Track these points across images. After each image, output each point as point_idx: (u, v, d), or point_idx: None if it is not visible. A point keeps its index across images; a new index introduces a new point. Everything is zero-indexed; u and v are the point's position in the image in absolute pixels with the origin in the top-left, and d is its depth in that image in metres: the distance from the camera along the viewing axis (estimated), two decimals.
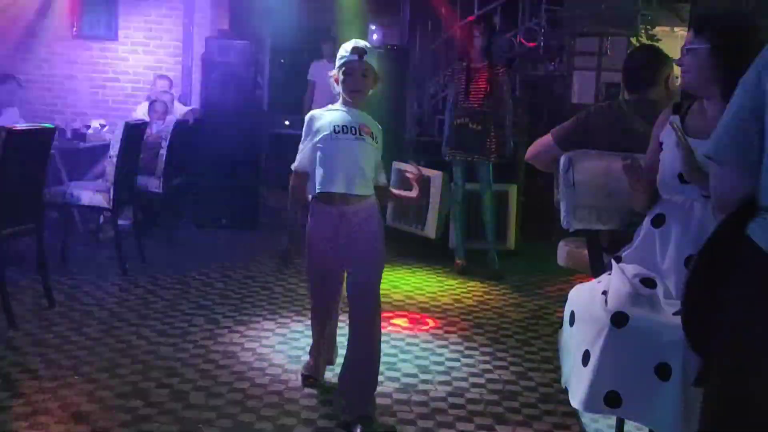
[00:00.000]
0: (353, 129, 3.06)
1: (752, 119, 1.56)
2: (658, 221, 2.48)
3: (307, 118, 3.16)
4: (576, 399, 2.34)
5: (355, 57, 3.03)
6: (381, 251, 3.21)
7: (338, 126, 3.05)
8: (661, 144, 2.54)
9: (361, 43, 3.10)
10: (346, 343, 3.20)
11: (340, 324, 3.53)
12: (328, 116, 3.10)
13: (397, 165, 6.77)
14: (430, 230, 6.43)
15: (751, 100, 1.57)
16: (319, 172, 3.07)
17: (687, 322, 1.81)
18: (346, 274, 3.23)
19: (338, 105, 3.14)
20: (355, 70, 3.05)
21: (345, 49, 3.07)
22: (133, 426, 3.02)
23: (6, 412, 3.06)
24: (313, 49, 7.77)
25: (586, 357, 2.31)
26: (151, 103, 6.94)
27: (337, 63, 3.09)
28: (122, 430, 2.99)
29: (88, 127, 6.91)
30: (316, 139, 3.07)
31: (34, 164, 4.37)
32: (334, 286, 3.28)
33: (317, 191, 3.08)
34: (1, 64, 7.10)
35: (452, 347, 4.20)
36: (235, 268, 5.49)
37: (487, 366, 3.94)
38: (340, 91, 3.11)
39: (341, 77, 3.08)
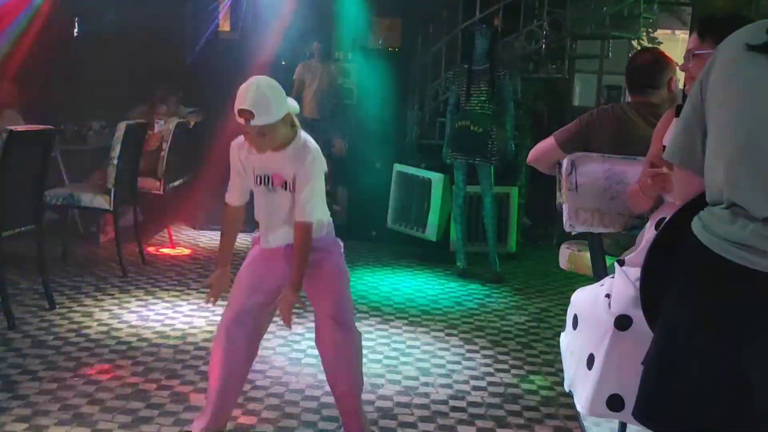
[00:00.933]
0: (267, 179, 2.80)
1: (696, 126, 1.72)
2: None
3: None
4: (580, 403, 2.34)
5: (242, 121, 2.66)
6: (341, 288, 2.92)
7: (258, 176, 2.82)
8: (663, 147, 2.52)
9: (249, 99, 2.63)
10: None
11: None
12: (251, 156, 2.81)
13: (398, 167, 6.79)
14: (431, 233, 6.44)
15: (693, 108, 1.73)
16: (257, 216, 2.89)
17: (645, 307, 1.88)
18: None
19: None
20: (248, 131, 2.70)
21: (236, 103, 2.67)
22: (134, 428, 3.02)
23: (6, 414, 3.06)
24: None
25: (590, 360, 2.30)
26: (153, 105, 6.93)
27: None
28: (123, 431, 2.99)
29: (90, 128, 6.90)
30: (246, 178, 2.85)
31: (35, 165, 4.37)
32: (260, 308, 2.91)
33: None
34: (2, 64, 7.09)
35: (453, 350, 4.19)
36: (235, 271, 5.46)
37: (489, 369, 3.93)
38: None
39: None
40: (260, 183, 2.82)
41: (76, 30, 7.98)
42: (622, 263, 2.52)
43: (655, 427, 1.74)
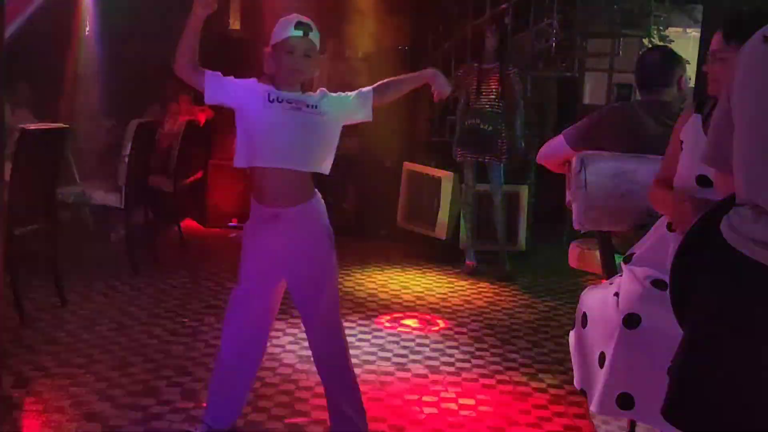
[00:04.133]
0: (286, 101, 2.70)
1: (726, 128, 1.73)
2: None
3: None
4: (592, 401, 2.34)
5: (299, 33, 2.68)
6: (328, 264, 2.82)
7: (272, 95, 2.69)
8: (681, 143, 2.50)
9: (306, 18, 2.74)
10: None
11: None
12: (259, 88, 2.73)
13: (408, 166, 6.80)
14: (441, 231, 6.44)
15: (724, 110, 1.74)
16: (249, 142, 2.71)
17: (675, 307, 1.88)
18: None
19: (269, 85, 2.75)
20: (296, 49, 2.68)
21: (286, 25, 2.69)
22: (145, 424, 3.04)
23: (19, 410, 3.08)
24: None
25: (602, 359, 2.31)
26: (165, 103, 6.96)
27: (276, 38, 2.71)
28: (134, 428, 3.00)
29: (101, 126, 6.94)
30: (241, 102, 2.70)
31: (47, 164, 4.40)
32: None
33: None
34: (14, 63, 7.13)
35: (462, 348, 4.20)
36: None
37: (498, 367, 3.93)
38: (274, 71, 2.73)
39: (281, 56, 2.69)
40: (280, 101, 2.71)
41: (87, 29, 8.01)
42: (629, 259, 2.52)
43: (684, 427, 1.73)
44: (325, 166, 2.77)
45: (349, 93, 2.82)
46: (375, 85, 2.84)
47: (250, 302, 2.82)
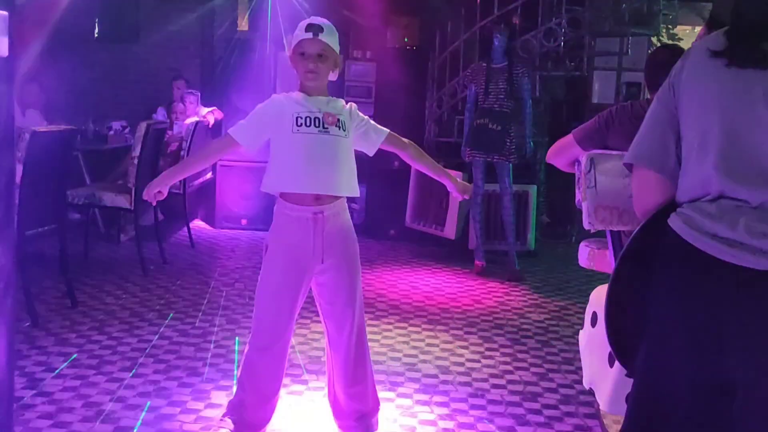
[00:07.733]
0: (316, 120, 2.73)
1: (668, 129, 1.72)
2: None
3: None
4: (602, 400, 2.34)
5: (309, 35, 2.71)
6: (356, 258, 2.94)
7: (300, 118, 2.72)
8: None
9: (318, 19, 2.77)
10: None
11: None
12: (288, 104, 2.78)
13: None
14: (450, 231, 6.44)
15: (666, 111, 1.73)
16: (279, 169, 2.77)
17: (611, 326, 1.84)
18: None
19: (297, 93, 2.80)
20: (308, 51, 2.72)
21: (299, 28, 2.75)
22: (156, 425, 3.05)
23: (30, 411, 3.09)
24: None
25: (611, 358, 2.30)
26: (171, 104, 6.98)
27: (292, 42, 2.78)
28: (145, 428, 3.01)
29: (110, 128, 6.97)
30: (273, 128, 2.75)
31: (57, 165, 4.42)
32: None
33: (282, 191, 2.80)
34: (24, 66, 7.17)
35: (472, 348, 4.20)
36: (255, 269, 5.51)
37: (508, 367, 3.93)
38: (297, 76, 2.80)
39: (296, 58, 2.75)
40: (308, 125, 2.73)
41: (96, 30, 8.05)
42: None
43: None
44: (355, 188, 2.88)
45: (368, 120, 2.92)
46: (393, 134, 3.01)
47: (280, 308, 2.86)
